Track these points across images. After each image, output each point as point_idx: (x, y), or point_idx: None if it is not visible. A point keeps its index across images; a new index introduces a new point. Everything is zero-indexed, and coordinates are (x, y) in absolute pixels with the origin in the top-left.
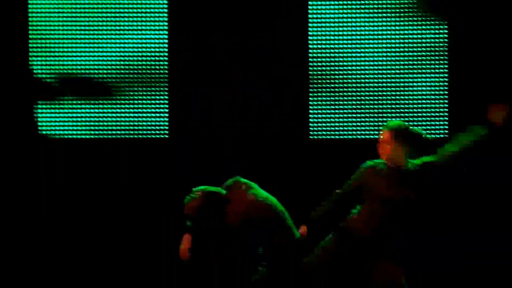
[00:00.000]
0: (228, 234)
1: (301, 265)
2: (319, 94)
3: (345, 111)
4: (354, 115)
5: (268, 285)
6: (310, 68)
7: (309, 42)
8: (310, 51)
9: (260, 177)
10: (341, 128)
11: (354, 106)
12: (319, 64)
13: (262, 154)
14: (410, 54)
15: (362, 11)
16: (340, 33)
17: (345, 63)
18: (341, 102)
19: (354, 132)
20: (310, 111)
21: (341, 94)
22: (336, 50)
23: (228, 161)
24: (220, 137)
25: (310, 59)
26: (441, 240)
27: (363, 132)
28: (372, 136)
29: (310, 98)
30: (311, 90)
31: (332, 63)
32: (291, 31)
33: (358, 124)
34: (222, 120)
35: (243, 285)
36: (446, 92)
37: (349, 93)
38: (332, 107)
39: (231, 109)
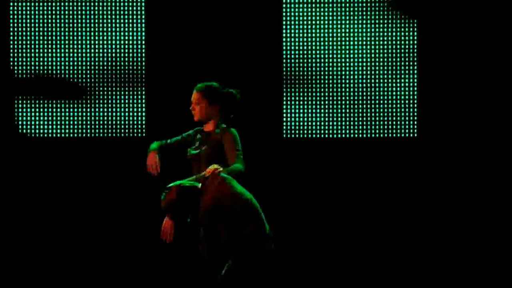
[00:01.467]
0: (201, 226)
1: (269, 258)
2: (293, 93)
3: (318, 110)
4: (327, 114)
5: (236, 277)
6: (284, 67)
7: (283, 41)
8: (284, 50)
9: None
10: (314, 127)
11: (327, 105)
12: (293, 63)
13: None
14: (382, 54)
15: (336, 11)
16: (313, 32)
17: (318, 63)
18: (314, 101)
19: (327, 131)
20: (284, 110)
21: (314, 93)
22: (309, 50)
23: None
24: None
25: (284, 59)
26: None
27: (336, 131)
28: (345, 135)
29: (284, 97)
30: (284, 89)
31: (306, 63)
32: (265, 31)
33: (331, 123)
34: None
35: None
36: (416, 92)
37: (322, 93)
38: (306, 106)
39: None
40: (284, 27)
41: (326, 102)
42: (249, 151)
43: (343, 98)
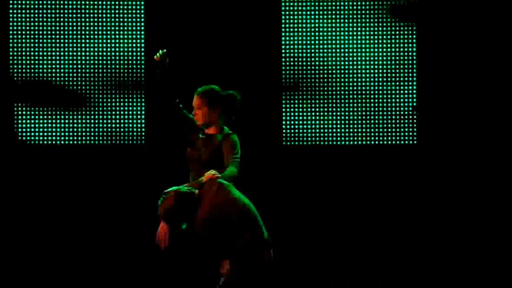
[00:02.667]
0: (197, 231)
1: (266, 263)
2: (292, 100)
3: (317, 117)
4: (327, 121)
5: (235, 284)
6: (283, 75)
7: (282, 48)
8: (283, 56)
9: (235, 183)
10: (313, 134)
11: (326, 112)
12: (292, 70)
13: None
14: (381, 61)
15: (335, 18)
16: (313, 39)
17: (317, 70)
18: (314, 108)
19: (326, 138)
20: (283, 117)
21: (313, 100)
22: (309, 57)
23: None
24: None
25: (283, 65)
26: None
27: (335, 138)
28: (345, 142)
29: (283, 104)
30: (284, 96)
31: (305, 70)
32: (264, 38)
33: (331, 130)
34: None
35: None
36: (415, 99)
37: (322, 100)
38: (305, 113)
39: None
40: (283, 34)
41: (326, 109)
42: (249, 158)
43: (343, 105)
